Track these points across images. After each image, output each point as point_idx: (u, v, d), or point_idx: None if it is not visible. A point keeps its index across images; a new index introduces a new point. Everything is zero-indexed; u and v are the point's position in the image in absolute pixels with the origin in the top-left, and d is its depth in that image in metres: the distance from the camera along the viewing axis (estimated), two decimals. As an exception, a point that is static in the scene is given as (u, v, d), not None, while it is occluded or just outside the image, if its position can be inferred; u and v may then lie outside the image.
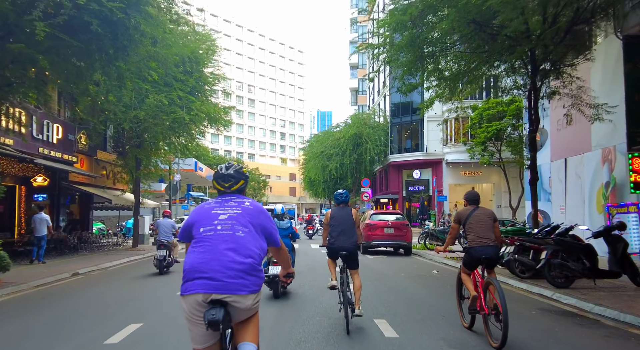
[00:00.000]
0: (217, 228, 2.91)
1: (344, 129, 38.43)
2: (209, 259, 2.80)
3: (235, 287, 2.76)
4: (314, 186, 44.45)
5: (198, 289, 2.75)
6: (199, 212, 3.06)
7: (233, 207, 3.02)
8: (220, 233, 2.89)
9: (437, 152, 35.02)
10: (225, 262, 2.79)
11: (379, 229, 16.19)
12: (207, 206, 3.10)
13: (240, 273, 2.79)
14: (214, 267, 2.77)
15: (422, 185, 36.02)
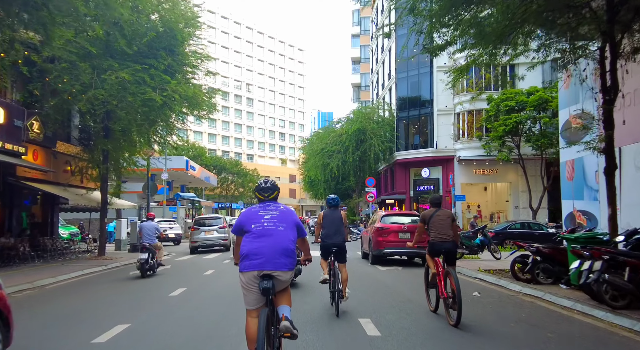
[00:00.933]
0: (264, 225, 4.14)
1: (346, 124, 35.52)
2: (261, 246, 4.04)
3: (280, 265, 4.02)
4: (314, 186, 41.52)
5: (254, 267, 4.01)
6: (248, 215, 4.29)
7: (273, 210, 4.26)
8: (267, 228, 4.12)
9: (448, 149, 32.07)
10: (272, 249, 4.03)
11: (392, 234, 13.26)
12: (253, 210, 4.32)
13: (282, 256, 4.05)
14: (265, 251, 4.02)
15: (432, 184, 33.06)
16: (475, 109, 30.64)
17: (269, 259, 3.96)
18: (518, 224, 21.82)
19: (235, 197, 77.06)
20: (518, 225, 21.68)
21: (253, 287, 3.99)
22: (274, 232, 4.06)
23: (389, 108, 35.74)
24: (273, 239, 4.04)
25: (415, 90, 33.72)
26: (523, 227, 21.65)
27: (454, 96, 31.82)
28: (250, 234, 4.08)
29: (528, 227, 21.65)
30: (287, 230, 4.12)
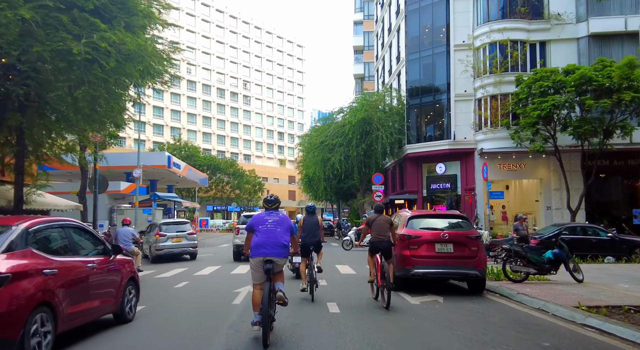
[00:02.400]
0: (268, 226, 6.14)
1: (349, 113, 31.09)
2: (265, 241, 6.04)
3: (278, 254, 6.02)
4: (314, 185, 37.07)
5: (261, 254, 5.99)
6: (257, 218, 6.27)
7: (275, 216, 6.29)
8: (270, 229, 6.13)
9: (468, 140, 27.67)
10: (273, 242, 6.03)
11: (425, 245, 8.82)
12: (261, 215, 6.32)
13: (279, 248, 6.05)
14: (268, 244, 6.01)
15: (449, 182, 28.64)
16: (500, 93, 26.24)
17: (270, 249, 5.97)
18: (567, 228, 17.37)
19: (230, 200, 72.69)
20: (567, 230, 17.24)
21: (259, 268, 5.97)
22: (274, 232, 6.08)
23: (397, 95, 31.29)
24: (273, 236, 6.06)
25: (428, 74, 29.35)
26: (574, 232, 17.23)
27: (475, 79, 27.44)
28: (258, 232, 6.10)
29: (582, 232, 17.23)
30: (283, 231, 6.15)
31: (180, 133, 75.46)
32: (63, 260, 5.78)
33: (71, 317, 5.65)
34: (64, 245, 6.13)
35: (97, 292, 6.34)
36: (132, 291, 7.34)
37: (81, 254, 6.37)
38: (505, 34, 26.05)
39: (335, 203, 48.40)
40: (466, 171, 27.95)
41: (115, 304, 6.81)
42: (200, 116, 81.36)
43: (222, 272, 13.98)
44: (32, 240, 5.45)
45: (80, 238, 6.61)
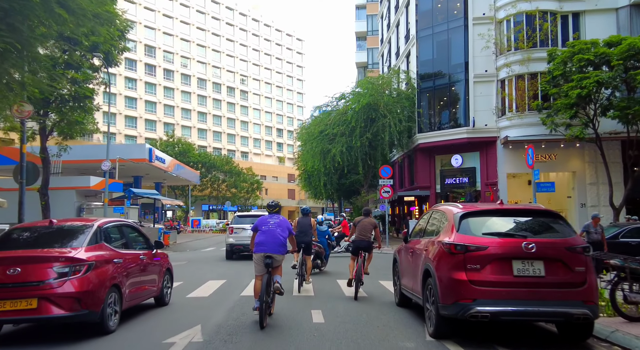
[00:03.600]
0: (269, 227, 7.09)
1: (351, 99, 27.39)
2: (265, 239, 6.98)
3: (276, 251, 6.93)
4: (313, 182, 33.38)
5: (262, 251, 6.91)
6: (262, 220, 7.26)
7: (275, 219, 7.26)
8: (270, 229, 7.07)
9: (489, 128, 24.04)
10: (273, 241, 6.97)
11: (494, 264, 5.09)
12: (265, 217, 7.32)
13: (278, 246, 6.97)
14: (268, 242, 6.95)
15: (466, 175, 25.03)
16: (528, 71, 22.60)
17: (270, 247, 6.92)
18: (631, 229, 13.74)
19: (227, 199, 69.09)
20: (630, 231, 13.61)
21: (261, 262, 6.87)
22: (274, 232, 7.04)
23: (407, 77, 27.57)
24: (273, 235, 7.00)
25: (443, 52, 25.72)
26: (637, 235, 13.60)
27: (497, 56, 23.82)
28: (261, 231, 7.08)
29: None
30: (282, 231, 7.11)
31: (174, 129, 71.88)
32: (124, 252, 7.14)
33: (130, 297, 7.04)
34: (123, 240, 7.42)
35: (146, 279, 7.60)
36: (168, 280, 8.61)
37: (134, 248, 7.64)
38: (534, 3, 22.42)
39: (336, 201, 44.67)
40: (487, 163, 24.33)
41: (157, 290, 8.06)
42: (195, 111, 77.76)
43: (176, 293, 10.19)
44: (104, 236, 6.80)
45: (133, 234, 7.86)
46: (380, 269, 12.30)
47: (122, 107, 67.35)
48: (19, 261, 5.82)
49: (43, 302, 5.68)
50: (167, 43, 73.85)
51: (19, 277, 5.71)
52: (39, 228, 6.89)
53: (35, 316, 5.72)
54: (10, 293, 5.69)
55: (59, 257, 5.95)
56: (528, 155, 13.52)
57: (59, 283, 5.78)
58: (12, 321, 6.00)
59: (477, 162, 24.76)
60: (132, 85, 69.10)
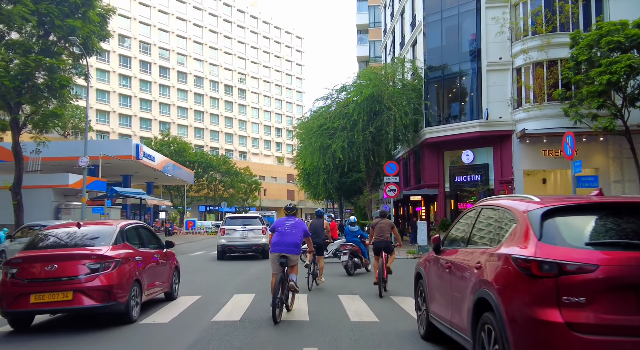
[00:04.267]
0: (285, 228, 7.50)
1: (353, 91, 25.35)
2: (281, 239, 7.37)
3: (290, 251, 7.32)
4: (312, 180, 31.35)
5: (277, 251, 7.32)
6: (279, 222, 7.73)
7: (292, 221, 7.67)
8: (286, 230, 7.47)
9: (504, 120, 22.04)
10: (287, 241, 7.35)
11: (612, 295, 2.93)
12: (282, 219, 7.78)
13: (292, 246, 7.36)
14: (283, 242, 7.34)
15: (478, 173, 23.02)
16: (547, 58, 20.61)
17: (285, 247, 7.31)
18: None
19: (224, 200, 67.09)
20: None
21: (276, 261, 7.31)
22: (289, 233, 7.42)
23: (413, 67, 25.51)
24: (288, 237, 7.38)
25: (452, 39, 23.73)
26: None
27: (513, 42, 21.83)
28: (277, 232, 7.47)
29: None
30: (297, 233, 7.48)
31: (170, 128, 69.89)
32: (143, 251, 7.82)
33: (148, 292, 7.69)
34: (141, 240, 8.11)
35: (159, 276, 8.35)
36: (176, 276, 9.37)
37: (149, 247, 8.32)
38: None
39: (336, 201, 42.63)
40: (501, 159, 22.33)
41: (167, 285, 8.80)
42: (192, 110, 75.75)
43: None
44: (126, 237, 7.47)
45: (147, 235, 8.60)
46: (390, 280, 10.28)
47: (115, 105, 65.35)
48: (56, 259, 6.52)
49: (77, 294, 6.37)
50: (162, 40, 71.89)
51: (56, 272, 6.39)
52: (68, 229, 7.47)
53: (71, 307, 6.42)
54: (48, 286, 6.37)
55: (90, 255, 6.63)
56: (566, 143, 11.56)
57: (91, 277, 6.46)
58: (50, 311, 6.71)
59: (491, 158, 22.75)
60: (127, 83, 67.11)
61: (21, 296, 6.32)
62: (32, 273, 6.44)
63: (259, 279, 11.90)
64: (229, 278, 12.36)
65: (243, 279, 12.03)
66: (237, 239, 17.63)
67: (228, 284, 11.01)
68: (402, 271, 12.92)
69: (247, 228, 17.71)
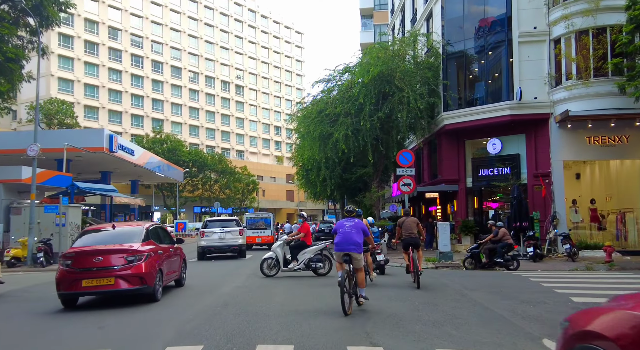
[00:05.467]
0: (345, 229, 8.02)
1: (358, 70, 21.67)
2: (342, 240, 7.90)
3: (352, 249, 7.81)
4: (312, 177, 27.73)
5: (340, 250, 7.87)
6: (340, 224, 8.27)
7: (351, 222, 8.16)
8: (346, 231, 7.98)
9: (540, 102, 18.45)
10: (348, 241, 7.86)
11: None
12: (343, 221, 8.30)
13: (353, 245, 7.82)
14: (345, 242, 7.87)
15: (508, 165, 19.40)
16: (594, 25, 17.03)
17: (346, 246, 7.84)
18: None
19: (220, 201, 63.49)
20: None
21: (340, 259, 7.90)
22: (350, 233, 7.94)
23: (428, 42, 21.82)
24: (349, 237, 7.91)
25: (476, 5, 20.15)
26: None
27: (551, 8, 18.26)
28: (339, 233, 8.03)
29: None
30: (357, 233, 7.98)
31: (163, 125, 66.40)
32: (162, 246, 9.66)
33: (166, 278, 9.59)
34: (159, 237, 9.95)
35: (173, 266, 10.16)
36: (184, 267, 11.23)
37: (165, 243, 10.09)
38: None
39: (339, 201, 38.92)
40: (535, 148, 18.74)
41: (178, 274, 10.71)
42: (187, 107, 72.24)
43: None
44: (150, 235, 9.39)
45: (163, 233, 10.53)
46: (419, 301, 6.75)
47: (105, 100, 61.87)
48: (101, 252, 8.44)
49: (118, 280, 8.30)
50: (155, 33, 68.45)
51: (102, 263, 8.32)
52: (106, 230, 9.59)
53: (113, 289, 8.32)
54: (96, 274, 8.27)
55: (127, 249, 8.54)
56: None
57: (128, 267, 8.37)
58: (97, 293, 8.71)
59: (523, 148, 19.15)
60: (117, 78, 63.63)
61: (74, 281, 8.19)
62: (83, 263, 8.26)
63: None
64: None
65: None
66: (216, 240, 18.98)
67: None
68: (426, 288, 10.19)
69: (225, 230, 19.03)
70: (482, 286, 10.50)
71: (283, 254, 12.43)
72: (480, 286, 10.50)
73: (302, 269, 12.32)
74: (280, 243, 12.64)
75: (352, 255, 7.79)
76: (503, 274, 13.06)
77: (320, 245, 12.57)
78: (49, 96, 54.50)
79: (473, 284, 10.90)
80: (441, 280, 11.52)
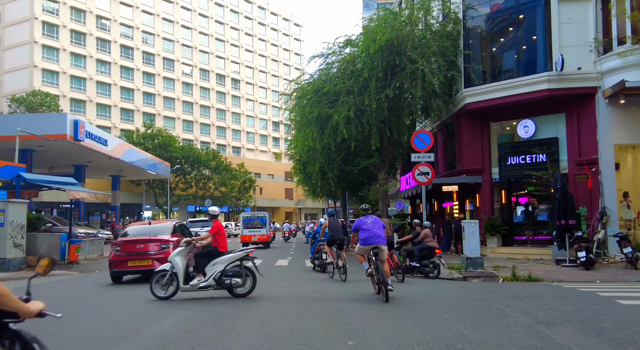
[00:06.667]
0: (368, 225, 8.78)
1: (362, 40, 18.24)
2: (369, 235, 8.66)
3: (380, 242, 8.61)
4: (308, 168, 24.34)
5: (370, 244, 8.63)
6: (360, 222, 8.97)
7: (371, 218, 8.95)
8: (369, 227, 8.75)
9: (584, 73, 15.10)
10: (375, 235, 8.64)
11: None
12: (362, 219, 9.01)
13: (380, 238, 8.65)
14: (373, 236, 8.64)
15: (544, 151, 16.05)
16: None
17: (375, 240, 8.55)
18: None
19: (215, 199, 60.21)
20: None
21: (368, 252, 8.70)
22: (374, 228, 8.69)
23: (444, 7, 18.33)
24: (374, 231, 8.65)
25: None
26: None
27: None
28: (362, 230, 8.74)
29: None
30: (379, 227, 8.76)
31: (155, 120, 63.11)
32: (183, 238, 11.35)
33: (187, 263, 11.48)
34: (182, 232, 12.85)
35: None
36: None
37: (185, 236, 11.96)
38: None
39: (339, 198, 35.54)
40: (578, 130, 15.42)
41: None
42: (180, 101, 68.92)
43: None
44: (176, 229, 12.59)
45: (184, 229, 13.65)
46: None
47: (92, 93, 58.56)
48: (142, 242, 11.57)
49: (154, 261, 11.02)
50: (146, 23, 65.15)
51: (142, 249, 11.45)
52: (144, 226, 13.38)
53: (151, 268, 10.45)
54: (138, 257, 11.39)
55: (161, 240, 11.65)
56: None
57: (162, 252, 11.24)
58: (139, 272, 11.65)
59: (562, 130, 15.83)
60: (105, 69, 60.31)
61: (122, 262, 11.37)
62: (129, 249, 11.46)
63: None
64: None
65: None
66: None
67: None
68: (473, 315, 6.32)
69: (204, 229, 19.32)
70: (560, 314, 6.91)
71: (185, 265, 8.92)
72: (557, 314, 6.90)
73: (212, 286, 8.67)
74: (181, 249, 9.10)
75: (380, 247, 8.55)
76: (560, 290, 9.75)
77: (238, 252, 9.07)
78: (32, 88, 51.25)
79: (536, 308, 7.51)
80: (487, 303, 8.16)
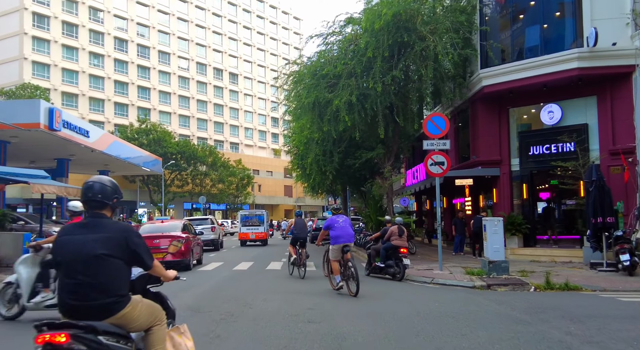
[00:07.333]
0: (340, 224, 9.61)
1: (366, 17, 16.28)
2: (341, 233, 9.48)
3: (350, 240, 9.54)
4: (306, 162, 22.38)
5: (341, 242, 9.41)
6: (332, 220, 9.76)
7: (342, 218, 9.82)
8: (342, 225, 9.58)
9: (620, 49, 13.20)
10: (347, 234, 9.51)
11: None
12: (334, 217, 9.84)
13: (351, 237, 9.59)
14: (345, 235, 9.48)
15: (572, 139, 14.15)
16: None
17: (347, 238, 9.36)
18: None
19: (212, 196, 58.38)
20: None
21: (340, 251, 9.30)
22: (345, 227, 9.47)
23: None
24: (346, 230, 9.44)
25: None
26: None
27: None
28: (335, 228, 9.47)
29: None
30: (349, 226, 9.59)
31: (150, 114, 61.21)
32: (191, 235, 14.82)
33: (195, 257, 14.63)
34: (190, 229, 15.41)
35: (197, 248, 15.13)
36: (202, 251, 16.41)
37: (192, 234, 15.17)
38: None
39: (339, 194, 33.64)
40: (612, 115, 13.54)
41: (199, 256, 15.63)
42: (176, 95, 67.00)
43: None
44: (185, 227, 14.98)
45: (192, 228, 16.01)
46: None
47: (85, 87, 56.63)
48: (157, 238, 13.50)
49: (168, 254, 13.15)
50: (141, 15, 63.19)
51: (157, 244, 13.20)
52: (157, 225, 16.05)
53: (165, 261, 12.54)
54: (154, 251, 11.56)
55: (173, 236, 13.72)
56: None
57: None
58: None
59: (593, 115, 13.96)
60: (98, 62, 58.37)
61: None
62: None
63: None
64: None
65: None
66: None
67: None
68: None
69: (199, 228, 19.28)
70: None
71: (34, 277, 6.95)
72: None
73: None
74: (27, 256, 7.07)
75: (350, 246, 9.52)
76: (621, 306, 7.90)
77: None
78: (22, 81, 49.35)
79: (612, 338, 5.64)
80: (538, 328, 6.28)
